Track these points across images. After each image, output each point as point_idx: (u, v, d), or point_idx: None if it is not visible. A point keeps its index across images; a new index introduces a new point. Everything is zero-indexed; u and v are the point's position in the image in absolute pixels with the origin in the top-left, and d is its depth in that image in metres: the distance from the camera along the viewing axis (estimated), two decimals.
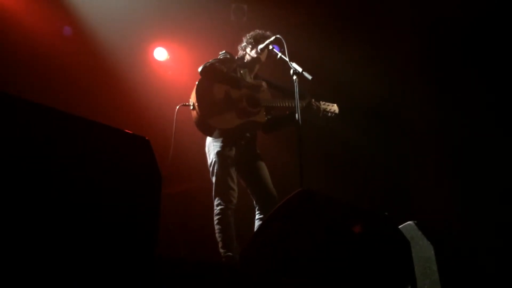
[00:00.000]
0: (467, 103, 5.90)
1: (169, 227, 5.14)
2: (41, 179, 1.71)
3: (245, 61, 4.45)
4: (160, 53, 6.50)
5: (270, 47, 4.23)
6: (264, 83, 4.36)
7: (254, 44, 4.37)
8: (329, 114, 4.48)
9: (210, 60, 4.18)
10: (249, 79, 4.37)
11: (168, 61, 6.58)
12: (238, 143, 4.22)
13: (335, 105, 4.51)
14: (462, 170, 5.87)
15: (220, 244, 3.99)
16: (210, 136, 4.22)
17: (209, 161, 4.21)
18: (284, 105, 4.28)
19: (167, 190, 5.24)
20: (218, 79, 4.18)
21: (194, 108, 4.10)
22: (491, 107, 5.73)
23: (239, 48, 4.51)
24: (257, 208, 4.21)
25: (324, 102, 4.49)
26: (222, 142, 4.14)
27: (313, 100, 4.41)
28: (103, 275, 1.77)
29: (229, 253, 3.91)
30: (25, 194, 1.67)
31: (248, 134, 4.30)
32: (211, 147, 4.20)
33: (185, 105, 4.18)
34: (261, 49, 4.30)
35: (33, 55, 5.84)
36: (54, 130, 1.82)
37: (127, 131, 2.10)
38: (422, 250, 2.89)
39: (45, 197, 1.70)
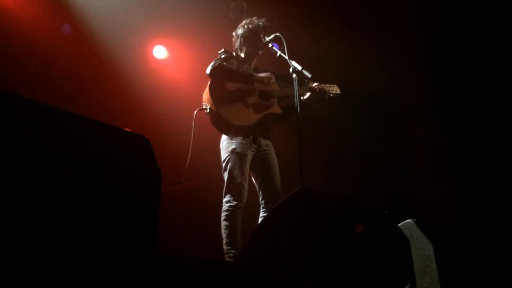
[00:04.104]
0: (468, 102, 5.90)
1: (186, 235, 5.11)
2: (39, 177, 1.71)
3: (243, 56, 4.43)
4: (160, 51, 6.50)
5: (270, 45, 4.21)
6: (272, 75, 4.35)
7: (253, 37, 4.35)
8: (332, 95, 4.47)
9: (215, 61, 4.16)
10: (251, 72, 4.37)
11: (167, 59, 6.58)
12: (255, 139, 4.21)
13: (335, 85, 4.53)
14: (462, 168, 5.87)
15: (224, 241, 3.95)
16: (228, 134, 4.19)
17: (222, 158, 4.17)
18: (293, 93, 4.11)
19: (169, 188, 5.25)
20: (228, 78, 4.18)
21: (210, 110, 4.09)
22: (492, 106, 5.73)
23: (235, 36, 4.45)
24: (262, 205, 4.19)
25: (324, 84, 4.47)
26: (239, 139, 4.12)
27: (316, 83, 4.40)
28: (102, 274, 1.77)
29: (233, 251, 3.88)
30: (24, 193, 1.67)
31: (265, 128, 4.30)
32: (226, 143, 4.17)
33: (202, 109, 4.16)
34: (261, 47, 4.31)
35: (32, 53, 5.84)
36: (53, 128, 1.82)
37: (126, 129, 2.09)
38: (422, 248, 2.90)
39: (43, 195, 1.70)
